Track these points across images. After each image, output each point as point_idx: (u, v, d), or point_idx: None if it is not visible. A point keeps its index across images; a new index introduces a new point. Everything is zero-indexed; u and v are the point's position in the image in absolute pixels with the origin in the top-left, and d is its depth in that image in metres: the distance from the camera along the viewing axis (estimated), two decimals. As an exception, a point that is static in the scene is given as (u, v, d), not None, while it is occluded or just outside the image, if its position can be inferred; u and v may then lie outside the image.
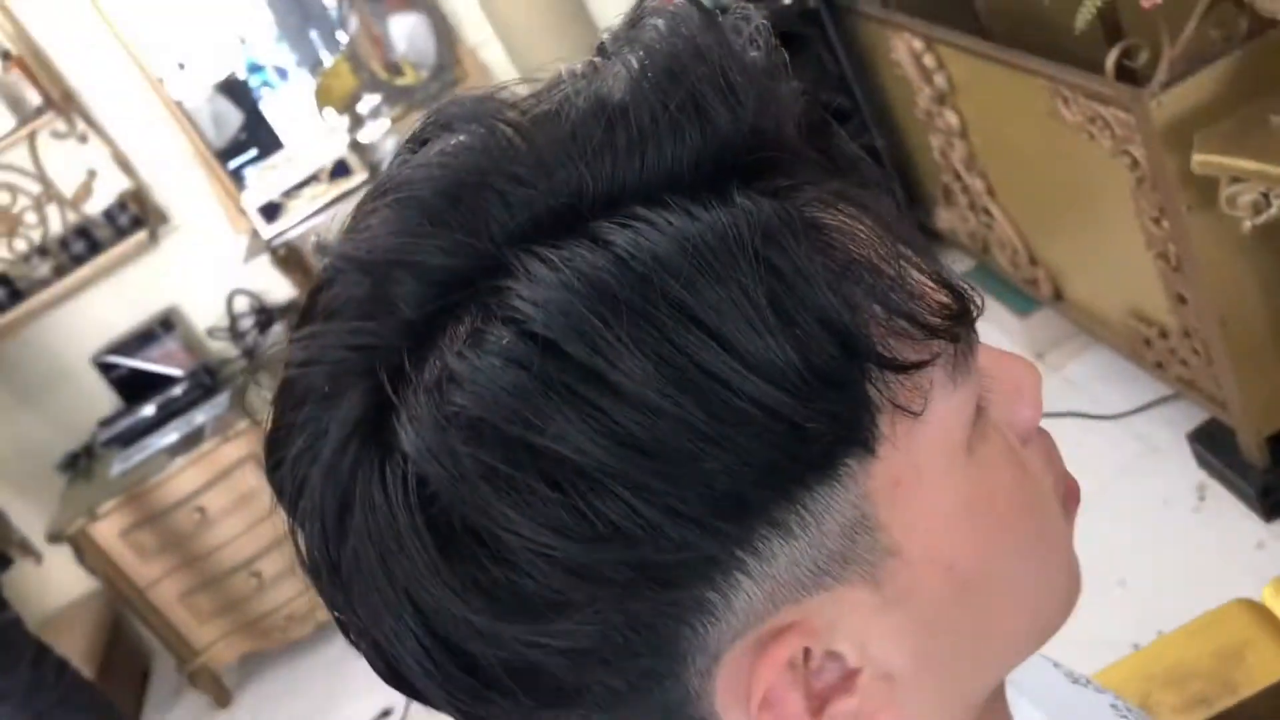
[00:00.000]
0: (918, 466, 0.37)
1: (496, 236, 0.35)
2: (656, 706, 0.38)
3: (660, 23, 0.36)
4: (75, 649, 2.98)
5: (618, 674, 0.36)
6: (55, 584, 3.29)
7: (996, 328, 2.73)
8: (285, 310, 3.14)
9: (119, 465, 3.01)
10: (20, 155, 3.03)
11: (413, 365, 0.35)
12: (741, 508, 0.34)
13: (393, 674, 0.39)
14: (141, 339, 3.14)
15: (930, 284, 0.37)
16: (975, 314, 0.38)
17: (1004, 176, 2.45)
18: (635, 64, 0.35)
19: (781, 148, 0.36)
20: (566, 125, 0.35)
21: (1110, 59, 1.74)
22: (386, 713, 2.75)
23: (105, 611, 3.28)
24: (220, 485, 2.91)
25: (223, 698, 3.13)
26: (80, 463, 3.16)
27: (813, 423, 0.34)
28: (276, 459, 0.39)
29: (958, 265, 2.94)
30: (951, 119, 2.46)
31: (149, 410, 3.08)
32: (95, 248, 3.07)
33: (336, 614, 0.40)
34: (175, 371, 3.14)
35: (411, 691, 0.39)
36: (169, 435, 3.02)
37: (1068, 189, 2.16)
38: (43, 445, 3.21)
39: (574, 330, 0.33)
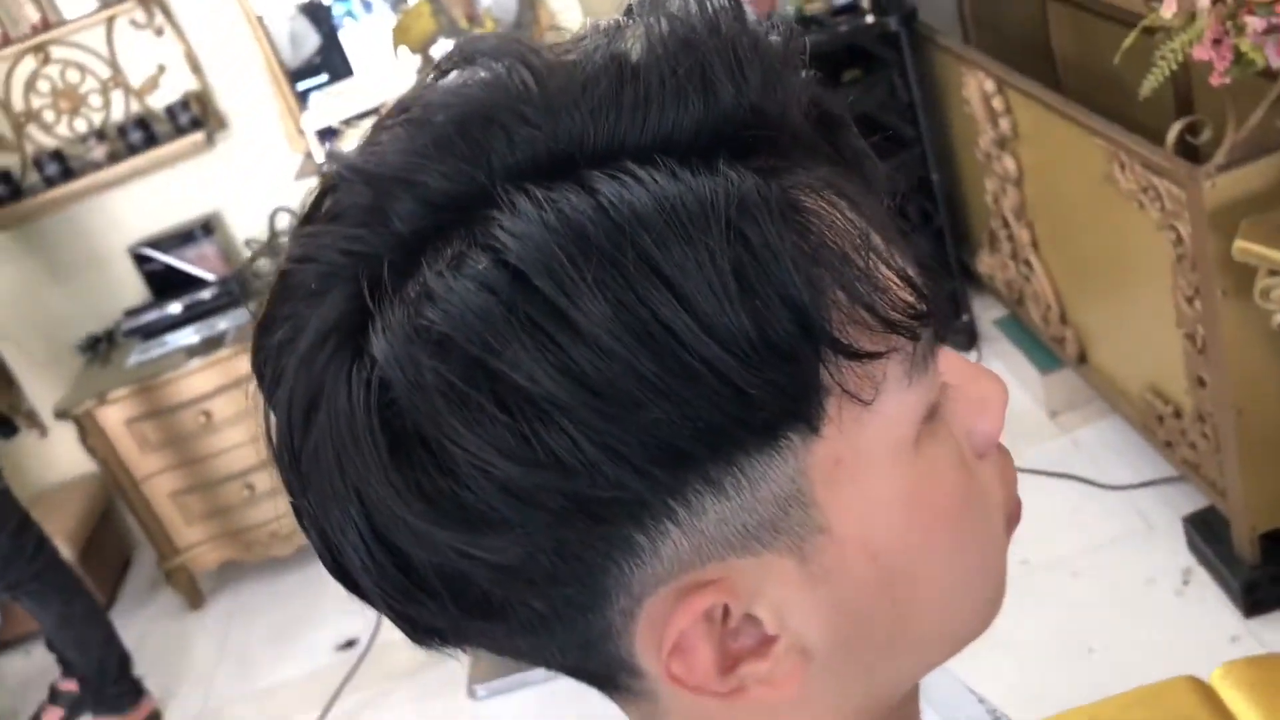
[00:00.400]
0: (859, 453, 0.38)
1: (495, 169, 0.36)
2: (579, 637, 0.40)
3: None
4: (62, 527, 3.03)
5: (542, 597, 0.38)
6: (55, 460, 3.35)
7: (1016, 379, 2.72)
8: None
9: (137, 356, 3.06)
10: (96, 38, 3.08)
11: (396, 277, 0.37)
12: (678, 459, 0.35)
13: (336, 565, 0.41)
14: (180, 238, 3.18)
15: (898, 281, 0.38)
16: (939, 317, 0.39)
17: (1050, 231, 2.45)
18: (655, 29, 0.37)
19: (780, 129, 0.38)
20: (580, 76, 0.37)
21: (1172, 132, 1.73)
22: (351, 642, 2.78)
23: (98, 495, 3.33)
24: (230, 393, 2.95)
25: (196, 600, 3.18)
26: (100, 347, 3.21)
27: (757, 390, 0.35)
28: (260, 345, 0.41)
29: (990, 312, 2.93)
30: (1010, 165, 2.45)
31: (175, 308, 3.13)
32: (152, 140, 3.11)
33: (292, 500, 0.42)
34: (207, 275, 3.18)
35: (352, 585, 0.41)
36: (190, 336, 3.06)
37: (1110, 255, 2.16)
38: (67, 323, 3.27)
39: (544, 265, 0.34)
